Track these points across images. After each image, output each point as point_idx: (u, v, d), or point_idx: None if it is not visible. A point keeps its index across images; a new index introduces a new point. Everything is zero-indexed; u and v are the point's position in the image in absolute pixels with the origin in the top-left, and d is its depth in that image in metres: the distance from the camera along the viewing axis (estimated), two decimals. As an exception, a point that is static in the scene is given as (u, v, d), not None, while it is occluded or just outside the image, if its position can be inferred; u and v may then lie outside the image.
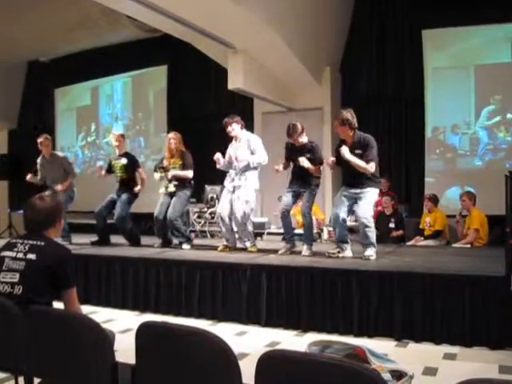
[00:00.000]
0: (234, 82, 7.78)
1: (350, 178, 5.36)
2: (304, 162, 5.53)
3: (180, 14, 6.52)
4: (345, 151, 5.12)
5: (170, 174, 6.34)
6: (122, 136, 7.05)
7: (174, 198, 6.35)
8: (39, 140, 6.98)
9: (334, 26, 8.84)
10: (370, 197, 5.18)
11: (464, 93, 8.45)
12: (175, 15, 6.52)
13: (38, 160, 7.09)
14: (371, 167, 5.08)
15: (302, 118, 5.83)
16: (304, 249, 5.66)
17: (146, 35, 10.33)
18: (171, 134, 6.52)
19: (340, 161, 5.31)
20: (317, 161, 5.64)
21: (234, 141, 6.15)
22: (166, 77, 11.16)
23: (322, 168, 5.73)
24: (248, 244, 6.06)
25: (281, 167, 5.83)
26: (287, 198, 5.76)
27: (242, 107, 9.32)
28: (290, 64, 8.08)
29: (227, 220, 6.04)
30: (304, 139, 5.73)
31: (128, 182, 6.77)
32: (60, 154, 7.50)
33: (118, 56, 11.19)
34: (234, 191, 6.00)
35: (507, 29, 8.02)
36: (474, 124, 8.39)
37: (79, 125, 12.56)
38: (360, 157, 5.10)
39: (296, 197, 5.79)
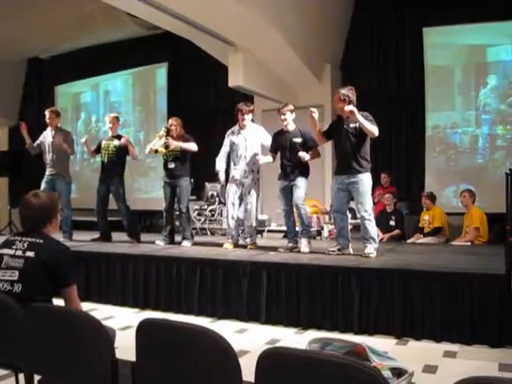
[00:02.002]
0: (235, 80, 7.77)
1: (340, 164, 5.31)
2: (305, 157, 5.49)
3: (180, 11, 6.51)
4: (352, 109, 4.97)
5: (172, 143, 6.23)
6: (117, 118, 7.07)
7: (178, 190, 6.34)
8: (46, 112, 6.97)
9: (335, 23, 8.83)
10: (365, 186, 5.11)
11: (464, 91, 8.44)
12: (176, 12, 6.51)
13: (44, 132, 7.02)
14: (376, 129, 5.03)
15: (303, 115, 5.81)
16: (303, 244, 5.63)
17: (147, 33, 10.32)
18: (171, 120, 6.45)
19: (330, 135, 5.33)
20: (311, 143, 5.59)
21: (237, 129, 6.04)
22: (167, 74, 11.15)
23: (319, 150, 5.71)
24: (248, 241, 6.05)
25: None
26: (285, 197, 5.71)
27: (243, 105, 9.33)
28: (290, 61, 8.07)
29: (236, 216, 6.03)
30: (292, 126, 5.68)
31: (117, 164, 6.77)
32: (67, 129, 7.45)
33: (119, 53, 11.18)
34: (243, 185, 5.97)
35: (508, 27, 8.00)
36: (475, 122, 8.38)
37: (79, 122, 12.55)
38: (359, 130, 5.10)
39: (290, 191, 5.67)
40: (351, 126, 5.13)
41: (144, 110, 11.58)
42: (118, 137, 6.85)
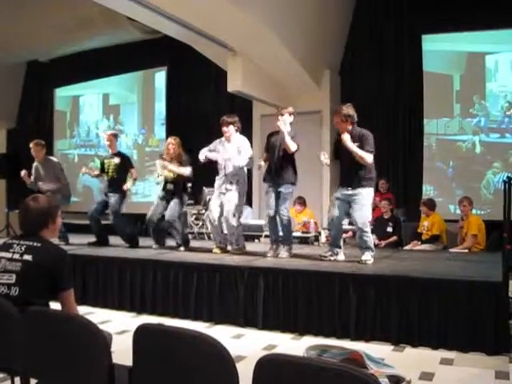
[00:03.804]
0: (234, 85, 7.78)
1: (344, 177, 5.36)
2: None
3: (180, 15, 6.52)
4: (346, 138, 5.09)
5: (169, 166, 6.29)
6: (114, 135, 7.05)
7: (171, 202, 6.36)
8: (30, 145, 6.91)
9: (334, 29, 8.85)
10: (365, 199, 5.13)
11: (463, 98, 8.46)
12: (175, 17, 6.52)
13: (33, 164, 7.03)
14: (368, 157, 5.06)
15: (301, 120, 5.82)
16: (282, 250, 5.67)
17: (146, 36, 10.33)
18: (170, 139, 6.50)
19: (338, 154, 5.33)
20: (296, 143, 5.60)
21: (224, 140, 6.06)
22: (166, 78, 11.17)
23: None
24: (230, 248, 6.07)
25: (262, 162, 5.81)
26: (272, 199, 5.70)
27: (241, 110, 9.30)
28: (289, 67, 8.09)
29: (217, 223, 6.04)
30: (288, 128, 5.64)
31: (118, 181, 6.74)
32: (54, 159, 7.41)
33: (118, 57, 11.17)
34: (224, 194, 5.99)
35: (507, 34, 8.04)
36: (473, 129, 8.39)
37: (77, 125, 12.55)
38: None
39: (277, 196, 5.68)
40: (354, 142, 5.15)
41: (143, 114, 11.59)
42: (119, 154, 6.87)
